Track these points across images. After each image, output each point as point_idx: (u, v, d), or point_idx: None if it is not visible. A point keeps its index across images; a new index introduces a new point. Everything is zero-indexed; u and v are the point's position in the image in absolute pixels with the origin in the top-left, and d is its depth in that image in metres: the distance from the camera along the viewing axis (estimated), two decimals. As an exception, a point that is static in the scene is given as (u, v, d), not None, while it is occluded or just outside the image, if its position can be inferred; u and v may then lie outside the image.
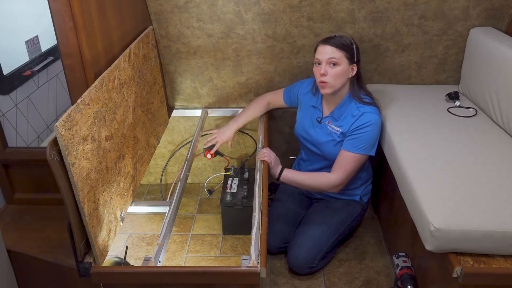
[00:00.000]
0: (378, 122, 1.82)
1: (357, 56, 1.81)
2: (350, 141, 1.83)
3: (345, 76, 1.80)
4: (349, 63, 1.78)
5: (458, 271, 1.32)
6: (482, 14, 2.04)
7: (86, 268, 1.33)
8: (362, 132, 1.81)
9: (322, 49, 1.79)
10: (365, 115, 1.81)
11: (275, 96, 2.16)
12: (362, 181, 2.04)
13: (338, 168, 1.86)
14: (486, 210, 1.37)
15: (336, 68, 1.77)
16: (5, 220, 1.73)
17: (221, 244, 2.18)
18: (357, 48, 1.82)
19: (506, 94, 1.75)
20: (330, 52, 1.76)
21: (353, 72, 1.82)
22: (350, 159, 1.84)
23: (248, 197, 2.12)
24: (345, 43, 1.78)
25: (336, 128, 1.89)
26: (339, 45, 1.76)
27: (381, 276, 1.94)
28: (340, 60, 1.76)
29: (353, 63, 1.80)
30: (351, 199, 2.05)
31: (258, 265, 1.31)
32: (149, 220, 2.34)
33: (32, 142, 2.08)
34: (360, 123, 1.81)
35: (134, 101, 1.74)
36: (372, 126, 1.80)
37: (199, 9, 2.06)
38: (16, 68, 2.02)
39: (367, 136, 1.81)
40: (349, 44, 1.79)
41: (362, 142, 1.81)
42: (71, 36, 1.42)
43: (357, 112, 1.82)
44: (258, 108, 2.16)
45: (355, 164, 1.85)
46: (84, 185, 1.26)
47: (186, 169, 1.92)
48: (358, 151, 1.83)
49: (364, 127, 1.80)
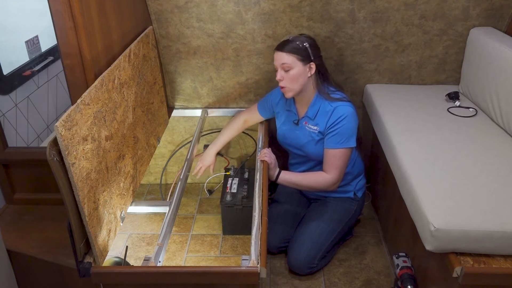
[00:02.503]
0: (352, 113, 1.84)
1: (314, 54, 1.82)
2: (330, 138, 1.85)
3: (302, 77, 1.81)
4: (303, 64, 1.80)
5: (458, 271, 1.32)
6: (482, 14, 2.04)
7: (86, 268, 1.33)
8: (339, 127, 1.82)
9: (275, 55, 1.83)
10: (338, 109, 1.83)
11: (250, 113, 2.17)
12: (352, 176, 2.04)
13: (329, 167, 1.88)
14: (486, 210, 1.37)
15: (290, 72, 1.79)
16: (5, 220, 1.73)
17: (221, 244, 2.18)
18: (312, 46, 1.82)
19: (506, 94, 1.75)
20: (281, 58, 1.79)
21: (312, 70, 1.83)
22: (337, 155, 1.85)
23: (248, 197, 2.12)
24: (295, 46, 1.79)
25: (313, 128, 1.90)
26: (289, 50, 1.78)
27: (381, 276, 1.95)
28: (293, 64, 1.78)
29: (309, 63, 1.81)
30: (345, 196, 2.05)
31: (258, 265, 1.31)
32: (149, 220, 2.34)
33: (32, 142, 2.08)
34: (335, 118, 1.83)
35: (134, 101, 1.74)
36: (347, 118, 1.82)
37: (199, 9, 2.06)
38: (16, 68, 2.02)
39: (345, 129, 1.82)
40: (300, 46, 1.79)
41: (343, 136, 1.83)
42: (71, 36, 1.42)
43: (330, 108, 1.84)
44: (235, 129, 2.17)
45: (344, 159, 1.87)
46: (84, 185, 1.26)
47: (186, 169, 1.92)
48: (341, 146, 1.84)
49: (339, 121, 1.82)
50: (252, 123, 2.20)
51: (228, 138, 2.16)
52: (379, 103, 2.07)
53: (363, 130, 2.43)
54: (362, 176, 2.10)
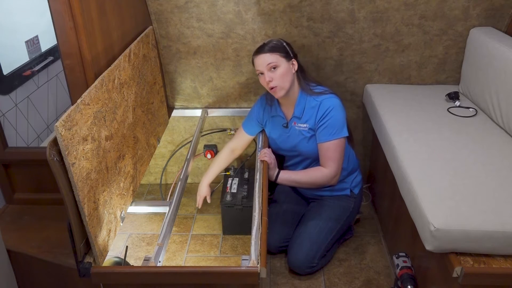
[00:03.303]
0: (338, 104, 1.86)
1: (292, 52, 1.86)
2: (322, 131, 1.86)
3: (289, 73, 1.84)
4: (286, 60, 1.83)
5: (458, 271, 1.32)
6: (482, 14, 2.04)
7: (86, 268, 1.33)
8: (328, 119, 1.84)
9: (258, 60, 1.83)
10: (324, 102, 1.85)
11: (236, 140, 2.13)
12: (347, 171, 2.03)
13: (326, 161, 1.88)
14: (486, 210, 1.37)
15: (278, 70, 1.81)
16: (5, 220, 1.73)
17: (221, 244, 2.18)
18: (288, 44, 1.88)
19: (506, 94, 1.75)
20: (266, 59, 1.81)
21: (295, 67, 1.86)
22: (331, 148, 1.86)
23: (248, 197, 2.12)
24: (275, 45, 1.83)
25: (303, 126, 1.91)
26: (271, 49, 1.81)
27: (381, 276, 1.95)
28: (278, 61, 1.81)
29: (290, 59, 1.84)
30: (342, 194, 2.05)
31: (258, 265, 1.31)
32: (149, 220, 2.34)
33: (32, 142, 2.08)
34: (322, 111, 1.84)
35: (134, 101, 1.74)
36: (334, 109, 1.84)
37: (199, 9, 2.06)
38: (16, 68, 2.02)
39: (334, 120, 1.84)
40: (280, 45, 1.84)
41: (333, 127, 1.84)
42: (71, 36, 1.42)
43: (315, 103, 1.86)
44: (224, 161, 2.13)
45: (339, 150, 1.87)
46: (84, 185, 1.26)
47: (186, 169, 1.92)
48: (333, 137, 1.85)
49: (327, 114, 1.84)
50: (241, 150, 2.14)
51: (218, 171, 2.12)
52: (379, 103, 2.07)
53: (363, 130, 2.43)
54: (358, 172, 2.10)
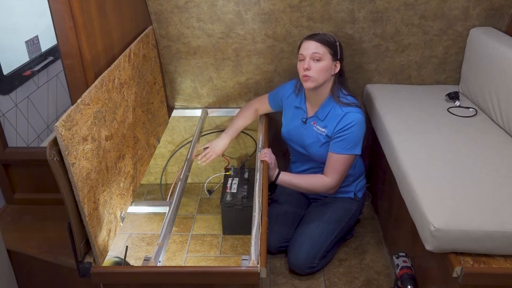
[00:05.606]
0: (361, 121, 1.83)
1: (341, 54, 1.84)
2: (337, 143, 1.84)
3: (328, 72, 1.82)
4: (332, 59, 1.81)
5: (458, 271, 1.32)
6: (482, 14, 2.04)
7: (86, 268, 1.33)
8: (347, 133, 1.82)
9: (306, 44, 1.81)
10: (348, 115, 1.82)
11: (261, 103, 2.17)
12: (354, 177, 2.04)
13: (330, 171, 1.87)
14: (486, 210, 1.37)
15: (320, 63, 1.79)
16: (5, 220, 1.73)
17: (221, 244, 2.18)
18: (341, 46, 1.84)
19: (506, 94, 1.75)
20: (314, 48, 1.78)
21: (336, 69, 1.84)
22: (340, 160, 1.85)
23: (248, 197, 2.12)
24: (329, 40, 1.80)
25: (321, 129, 1.90)
26: (323, 41, 1.78)
27: (381, 276, 1.95)
28: (324, 56, 1.78)
29: (336, 60, 1.82)
30: (346, 196, 2.05)
31: (258, 265, 1.31)
32: (149, 220, 2.34)
33: (32, 142, 2.07)
34: (344, 124, 1.82)
35: (134, 101, 1.74)
36: (356, 126, 1.81)
37: (199, 9, 2.06)
38: (16, 68, 2.02)
39: (353, 136, 1.82)
40: (333, 41, 1.81)
41: (349, 143, 1.83)
42: (71, 36, 1.42)
43: (340, 112, 1.83)
44: (248, 117, 2.17)
45: (346, 165, 1.86)
46: (84, 185, 1.26)
47: (186, 169, 1.92)
48: (346, 152, 1.84)
49: (348, 128, 1.81)
50: (262, 113, 2.20)
51: (241, 127, 2.14)
52: (379, 103, 2.07)
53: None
54: (363, 177, 2.11)
